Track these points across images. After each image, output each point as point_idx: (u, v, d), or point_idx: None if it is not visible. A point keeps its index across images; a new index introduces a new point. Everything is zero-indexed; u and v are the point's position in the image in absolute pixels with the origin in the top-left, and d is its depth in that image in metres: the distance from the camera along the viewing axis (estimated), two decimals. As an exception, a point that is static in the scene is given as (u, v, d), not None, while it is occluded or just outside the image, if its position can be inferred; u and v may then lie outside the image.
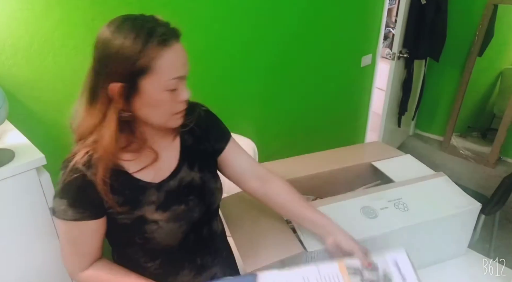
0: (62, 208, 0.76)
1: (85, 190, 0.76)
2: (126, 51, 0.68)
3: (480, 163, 3.22)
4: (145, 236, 0.82)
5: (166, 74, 0.71)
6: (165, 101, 0.74)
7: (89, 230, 0.80)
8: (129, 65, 0.69)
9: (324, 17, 2.17)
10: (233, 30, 1.77)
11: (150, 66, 0.69)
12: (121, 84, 0.70)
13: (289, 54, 2.08)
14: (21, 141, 1.10)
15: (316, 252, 0.91)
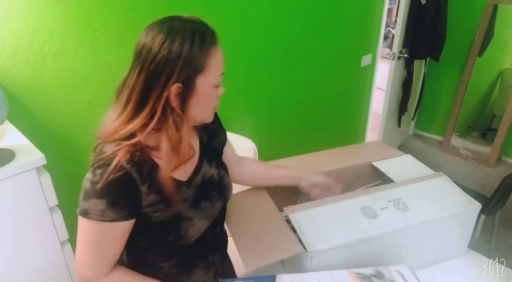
0: (100, 208, 0.73)
1: (129, 188, 0.75)
2: (186, 53, 0.72)
3: (480, 163, 3.22)
4: (179, 233, 0.83)
5: (216, 71, 0.77)
6: (212, 97, 0.80)
7: (121, 231, 0.78)
8: (190, 66, 0.73)
9: (324, 17, 2.17)
10: (233, 30, 1.77)
11: (205, 65, 0.75)
12: (179, 85, 0.73)
13: (289, 54, 2.08)
14: (21, 141, 1.10)
15: (316, 252, 0.92)
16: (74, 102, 1.36)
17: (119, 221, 0.75)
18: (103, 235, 0.77)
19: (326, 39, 2.26)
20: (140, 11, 1.41)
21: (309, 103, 2.37)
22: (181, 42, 0.71)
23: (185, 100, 0.75)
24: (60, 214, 1.10)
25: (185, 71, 0.73)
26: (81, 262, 0.79)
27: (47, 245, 1.09)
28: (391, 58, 2.77)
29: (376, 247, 0.95)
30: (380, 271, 0.88)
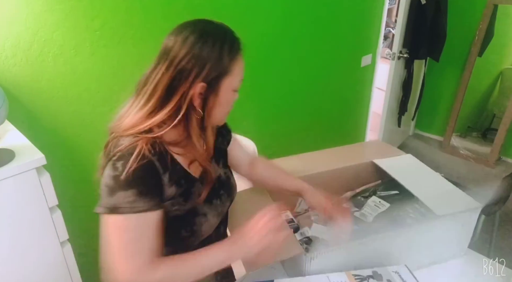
0: (129, 200, 0.71)
1: (154, 176, 0.75)
2: (216, 55, 0.75)
3: (480, 163, 3.22)
4: (194, 228, 0.84)
5: (238, 76, 0.80)
6: (230, 101, 0.83)
7: (156, 221, 0.75)
8: (218, 68, 0.76)
9: (324, 17, 2.17)
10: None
11: (231, 69, 0.78)
12: (204, 84, 0.76)
13: (289, 54, 2.08)
14: (21, 141, 1.10)
15: (316, 252, 0.91)
16: (74, 102, 1.36)
17: (151, 210, 0.74)
18: (139, 227, 0.74)
19: (326, 39, 2.26)
20: (140, 11, 1.41)
21: (309, 103, 2.37)
22: (213, 44, 0.75)
23: (206, 100, 0.78)
24: (60, 214, 1.09)
25: (213, 72, 0.76)
26: (119, 266, 0.73)
27: (47, 245, 1.09)
28: (391, 58, 2.77)
29: (376, 248, 0.95)
30: (378, 272, 0.89)
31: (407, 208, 1.10)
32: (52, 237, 1.09)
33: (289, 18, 1.98)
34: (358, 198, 1.21)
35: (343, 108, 2.72)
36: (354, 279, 0.87)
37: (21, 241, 1.04)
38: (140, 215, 0.73)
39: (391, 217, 1.09)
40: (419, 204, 1.10)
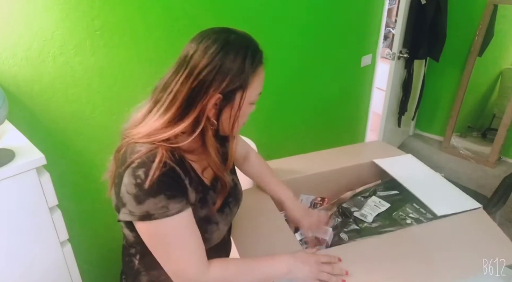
0: (161, 205, 0.71)
1: (178, 180, 0.75)
2: (237, 67, 0.74)
3: (480, 163, 3.22)
4: (205, 236, 0.82)
5: (256, 89, 0.80)
6: (246, 113, 0.82)
7: (192, 218, 0.77)
8: (237, 81, 0.75)
9: (324, 17, 2.17)
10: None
11: (250, 82, 0.77)
12: (220, 96, 0.75)
13: (288, 54, 2.08)
14: (21, 141, 1.10)
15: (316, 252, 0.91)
16: (74, 102, 1.36)
17: (185, 209, 0.74)
18: (181, 228, 0.75)
19: (326, 39, 2.26)
20: (140, 11, 1.41)
21: (309, 103, 2.37)
22: (234, 57, 0.74)
23: (221, 112, 0.78)
24: (60, 214, 1.09)
25: (232, 85, 0.75)
26: (177, 268, 0.75)
27: (47, 245, 1.09)
28: (391, 58, 2.77)
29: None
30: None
31: (407, 208, 1.10)
32: (52, 237, 1.09)
33: (288, 18, 1.98)
34: (358, 198, 1.21)
35: (343, 108, 2.72)
36: None
37: (21, 241, 1.04)
38: (177, 217, 0.73)
39: (391, 217, 1.09)
40: (419, 204, 1.10)
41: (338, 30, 2.31)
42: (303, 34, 2.10)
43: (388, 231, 1.02)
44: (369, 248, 0.93)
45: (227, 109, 0.78)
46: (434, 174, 1.22)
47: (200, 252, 0.77)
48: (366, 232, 1.05)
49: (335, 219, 1.15)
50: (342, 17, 2.30)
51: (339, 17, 2.28)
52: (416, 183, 1.15)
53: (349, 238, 1.05)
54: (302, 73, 2.22)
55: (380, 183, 1.29)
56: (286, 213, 1.10)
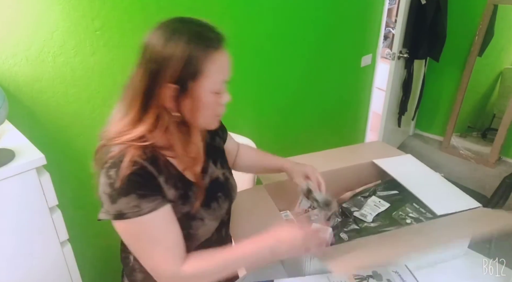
0: (133, 204, 0.72)
1: (149, 179, 0.74)
2: (186, 55, 0.71)
3: (480, 163, 3.22)
4: (190, 232, 0.82)
5: (214, 77, 0.75)
6: (210, 104, 0.77)
7: (168, 215, 0.76)
8: (188, 69, 0.71)
9: (324, 17, 2.17)
10: (232, 31, 1.77)
11: (201, 69, 0.72)
12: (174, 86, 0.72)
13: (288, 54, 2.08)
14: (21, 141, 1.10)
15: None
16: (74, 102, 1.36)
17: (159, 208, 0.74)
18: (154, 227, 0.74)
19: (326, 39, 2.26)
20: (140, 11, 1.41)
21: (309, 103, 2.37)
22: (183, 44, 0.70)
23: (179, 103, 0.75)
24: (60, 214, 1.09)
25: (183, 73, 0.72)
26: (151, 265, 0.76)
27: (47, 245, 1.09)
28: (391, 58, 2.77)
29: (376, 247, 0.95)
30: (378, 272, 0.89)
31: (407, 207, 1.10)
32: (52, 237, 1.09)
33: (288, 18, 1.98)
34: (358, 198, 1.21)
35: (343, 109, 2.72)
36: (354, 279, 0.87)
37: (21, 241, 1.04)
38: (150, 215, 0.73)
39: (391, 216, 1.09)
40: (419, 204, 1.10)
41: (338, 30, 2.31)
42: (303, 34, 2.10)
43: (388, 230, 1.02)
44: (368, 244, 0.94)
45: (187, 101, 0.75)
46: (434, 174, 1.22)
47: (176, 249, 0.76)
48: (366, 232, 1.05)
49: (335, 219, 1.15)
50: (342, 17, 2.30)
51: (339, 17, 2.28)
52: (416, 182, 1.15)
53: (349, 238, 1.05)
54: (302, 73, 2.22)
55: (380, 183, 1.29)
56: (290, 174, 1.09)
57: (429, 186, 1.15)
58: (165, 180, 0.77)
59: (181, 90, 0.73)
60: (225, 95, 0.80)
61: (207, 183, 0.88)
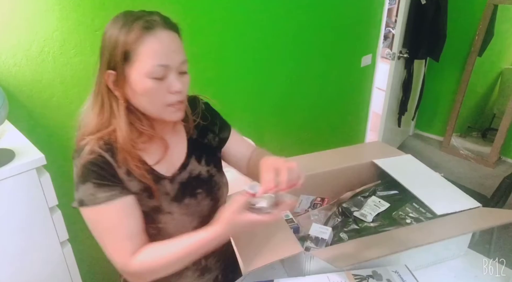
0: (89, 192, 0.74)
1: (106, 168, 0.75)
2: (113, 38, 0.72)
3: (480, 163, 3.22)
4: (159, 226, 0.83)
5: (148, 60, 0.72)
6: (151, 90, 0.73)
7: (126, 207, 0.77)
8: (115, 52, 0.72)
9: (324, 17, 2.17)
10: (232, 30, 1.77)
11: (133, 52, 0.71)
12: (113, 72, 0.73)
13: (289, 54, 2.08)
14: (21, 141, 1.10)
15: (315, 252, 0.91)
16: (74, 102, 1.36)
17: (116, 198, 0.75)
18: (107, 218, 0.76)
19: (326, 39, 2.26)
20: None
21: (309, 103, 2.37)
22: (117, 30, 0.71)
23: (123, 90, 0.75)
24: (60, 214, 1.10)
25: (112, 57, 0.72)
26: (108, 253, 0.77)
27: (47, 245, 1.09)
28: (391, 58, 2.77)
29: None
30: (378, 272, 0.89)
31: (406, 207, 1.10)
32: (52, 237, 1.09)
33: (289, 18, 1.98)
34: (358, 198, 1.21)
35: (343, 108, 2.72)
36: (354, 279, 0.87)
37: (21, 241, 1.04)
38: (105, 206, 0.75)
39: (391, 216, 1.09)
40: (419, 204, 1.10)
41: (338, 30, 2.32)
42: (303, 34, 2.10)
43: (388, 230, 1.02)
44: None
45: (127, 87, 0.75)
46: (434, 174, 1.22)
47: (126, 242, 0.76)
48: (366, 232, 1.05)
49: (335, 219, 1.15)
50: (342, 17, 2.30)
51: (339, 17, 2.28)
52: (416, 182, 1.15)
53: (349, 238, 1.05)
54: (302, 73, 2.22)
55: (380, 183, 1.29)
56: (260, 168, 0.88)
57: (429, 186, 1.15)
58: (127, 172, 0.78)
59: (118, 76, 0.74)
60: (173, 84, 0.75)
61: (185, 179, 0.87)
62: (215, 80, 1.79)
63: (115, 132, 0.77)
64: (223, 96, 1.85)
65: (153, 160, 0.82)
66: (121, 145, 0.76)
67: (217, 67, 1.78)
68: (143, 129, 0.79)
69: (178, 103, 0.77)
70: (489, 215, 1.01)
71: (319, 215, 1.22)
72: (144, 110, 0.77)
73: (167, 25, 0.74)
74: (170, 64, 0.73)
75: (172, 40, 0.74)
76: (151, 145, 0.82)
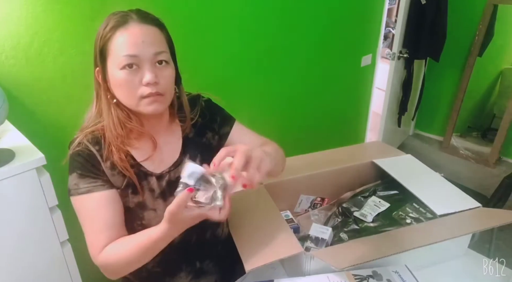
0: (74, 182, 0.78)
1: (90, 160, 0.79)
2: (96, 37, 0.78)
3: (480, 163, 3.22)
4: (143, 223, 0.84)
5: (117, 52, 0.75)
6: (124, 82, 0.75)
7: (104, 201, 0.79)
8: (96, 49, 0.78)
9: (324, 17, 2.17)
10: (233, 29, 1.77)
11: (107, 46, 0.76)
12: (99, 69, 0.79)
13: (289, 54, 2.08)
14: (21, 141, 1.10)
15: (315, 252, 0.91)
16: (74, 102, 1.36)
17: (94, 191, 0.78)
18: (86, 209, 0.79)
19: (326, 39, 2.26)
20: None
21: (309, 103, 2.37)
22: (100, 28, 0.77)
23: (108, 85, 0.79)
24: (60, 214, 1.09)
25: (96, 54, 0.78)
26: (88, 242, 0.81)
27: (47, 245, 1.09)
28: (391, 58, 2.77)
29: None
30: (378, 272, 0.89)
31: (407, 207, 1.10)
32: (52, 237, 1.09)
33: (289, 18, 1.98)
34: (358, 198, 1.21)
35: (343, 109, 2.72)
36: (354, 279, 0.87)
37: (21, 241, 1.04)
38: (85, 196, 0.78)
39: (391, 216, 1.09)
40: (419, 204, 1.10)
41: (338, 30, 2.31)
42: (303, 34, 2.10)
43: (388, 230, 1.02)
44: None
45: (108, 81, 0.79)
46: (434, 174, 1.22)
47: (99, 235, 0.79)
48: (366, 232, 1.05)
49: (335, 219, 1.15)
50: (342, 17, 2.30)
51: (339, 17, 2.28)
52: (416, 182, 1.15)
53: (349, 238, 1.05)
54: (302, 73, 2.22)
55: (380, 183, 1.29)
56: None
57: (429, 186, 1.15)
58: (111, 167, 0.80)
59: (103, 71, 0.78)
60: (145, 75, 0.75)
61: (175, 178, 0.86)
62: (214, 80, 1.79)
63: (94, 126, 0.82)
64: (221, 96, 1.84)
65: (142, 157, 0.84)
66: (108, 139, 0.80)
67: (216, 68, 1.78)
68: (131, 126, 0.81)
69: (153, 95, 0.76)
70: (489, 215, 1.01)
71: (319, 215, 1.22)
72: (124, 103, 0.80)
73: (143, 20, 0.77)
74: (139, 54, 0.74)
75: (145, 33, 0.76)
76: (141, 141, 0.84)
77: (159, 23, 0.80)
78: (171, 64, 0.80)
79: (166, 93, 0.79)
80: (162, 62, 0.77)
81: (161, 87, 0.77)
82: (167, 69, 0.78)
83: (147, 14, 0.79)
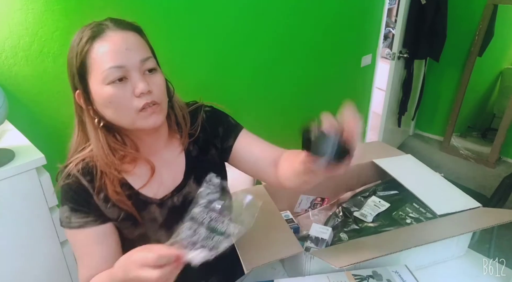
0: (66, 215, 0.73)
1: (82, 194, 0.73)
2: (69, 56, 0.69)
3: (480, 163, 3.22)
4: None
5: (100, 65, 0.65)
6: (113, 97, 0.66)
7: (97, 237, 0.74)
8: (73, 69, 0.68)
9: (324, 17, 2.17)
10: (232, 29, 1.77)
11: (86, 62, 0.66)
12: (79, 91, 0.70)
13: (289, 54, 2.08)
14: (21, 141, 1.10)
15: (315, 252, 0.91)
16: (74, 102, 1.36)
17: (87, 226, 0.73)
18: (79, 243, 0.75)
19: (326, 40, 2.26)
20: (141, 11, 1.41)
21: (309, 103, 2.37)
22: (72, 47, 0.68)
23: (94, 107, 0.70)
24: (60, 214, 1.09)
25: (74, 75, 0.68)
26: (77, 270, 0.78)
27: (47, 245, 1.09)
28: (391, 58, 2.77)
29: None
30: (378, 272, 0.89)
31: (407, 207, 1.10)
32: (52, 237, 1.09)
33: (289, 18, 1.98)
34: (358, 198, 1.21)
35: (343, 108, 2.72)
36: (354, 279, 0.87)
37: (21, 241, 1.04)
38: (77, 231, 0.73)
39: (391, 216, 1.09)
40: (419, 204, 1.10)
41: (338, 30, 2.32)
42: (303, 34, 2.10)
43: (388, 230, 1.02)
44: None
45: (95, 102, 0.69)
46: (434, 174, 1.22)
47: (92, 271, 0.74)
48: (366, 232, 1.05)
49: (335, 219, 1.15)
50: (342, 17, 2.30)
51: (339, 17, 2.28)
52: (416, 182, 1.15)
53: (349, 238, 1.05)
54: (302, 73, 2.22)
55: (380, 183, 1.28)
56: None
57: (429, 186, 1.15)
58: (105, 198, 0.73)
59: (84, 93, 0.69)
60: (136, 85, 0.67)
61: (178, 203, 0.80)
62: (214, 82, 1.79)
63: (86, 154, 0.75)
64: (223, 98, 1.85)
65: (139, 183, 0.77)
66: (100, 168, 0.72)
67: (217, 69, 1.78)
68: (123, 151, 0.73)
69: (150, 106, 0.68)
70: (489, 215, 1.01)
71: (319, 215, 1.22)
72: (118, 124, 0.71)
73: (120, 26, 0.69)
74: (125, 64, 0.66)
75: (125, 39, 0.67)
76: (137, 166, 0.76)
77: (136, 27, 0.72)
78: (159, 70, 0.73)
79: (162, 102, 0.71)
80: (152, 70, 0.70)
81: (156, 96, 0.69)
82: (157, 76, 0.70)
83: (121, 20, 0.72)
